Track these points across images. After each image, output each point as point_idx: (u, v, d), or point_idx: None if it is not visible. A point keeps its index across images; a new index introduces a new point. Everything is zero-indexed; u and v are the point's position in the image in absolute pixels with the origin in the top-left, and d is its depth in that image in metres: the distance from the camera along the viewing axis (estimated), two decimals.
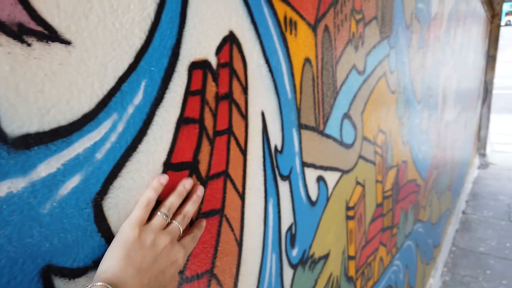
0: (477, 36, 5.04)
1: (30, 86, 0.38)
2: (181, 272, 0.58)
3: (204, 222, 0.61)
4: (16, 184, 0.37)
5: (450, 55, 3.02)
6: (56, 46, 0.41)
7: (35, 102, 0.39)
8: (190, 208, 0.57)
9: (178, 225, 0.54)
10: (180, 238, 0.55)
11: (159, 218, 0.51)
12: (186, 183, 0.57)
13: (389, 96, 1.60)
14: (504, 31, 6.48)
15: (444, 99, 2.86)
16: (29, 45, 0.38)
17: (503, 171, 6.10)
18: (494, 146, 7.41)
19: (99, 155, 0.45)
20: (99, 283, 0.41)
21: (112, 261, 0.45)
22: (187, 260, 0.59)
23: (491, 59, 6.65)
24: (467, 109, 4.51)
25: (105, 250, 0.46)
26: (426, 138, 2.29)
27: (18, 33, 0.37)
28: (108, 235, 0.47)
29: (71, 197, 0.42)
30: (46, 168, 0.40)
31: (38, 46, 0.39)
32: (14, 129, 0.37)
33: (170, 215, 0.53)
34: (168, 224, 0.53)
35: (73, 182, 0.42)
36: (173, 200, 0.54)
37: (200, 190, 0.59)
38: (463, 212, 4.56)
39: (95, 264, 0.45)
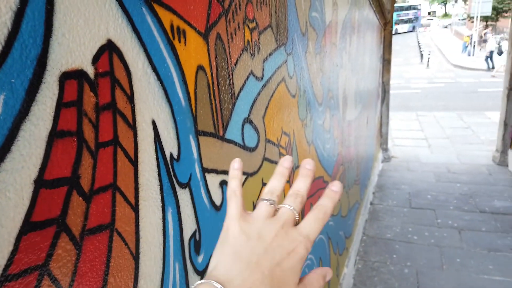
0: (372, 42, 5.56)
1: None
2: None
3: (337, 185, 0.49)
4: None
5: (347, 59, 3.29)
6: None
7: None
8: (301, 185, 0.49)
9: (289, 207, 0.46)
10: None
11: (262, 205, 0.47)
12: (285, 161, 0.50)
13: (290, 99, 1.68)
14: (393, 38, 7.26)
15: (344, 100, 3.09)
16: None
17: (403, 163, 6.78)
18: (395, 141, 8.20)
19: None
20: (210, 281, 0.39)
21: (219, 257, 0.42)
22: (73, 280, 0.55)
23: (386, 62, 7.37)
24: (368, 108, 4.93)
25: None
26: (329, 137, 2.45)
27: None
28: None
29: None
30: None
31: None
32: None
33: (276, 199, 0.47)
34: (276, 211, 0.47)
35: None
36: (274, 183, 0.49)
37: (309, 164, 0.50)
38: (371, 203, 4.97)
39: None
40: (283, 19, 1.60)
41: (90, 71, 0.61)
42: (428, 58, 22.91)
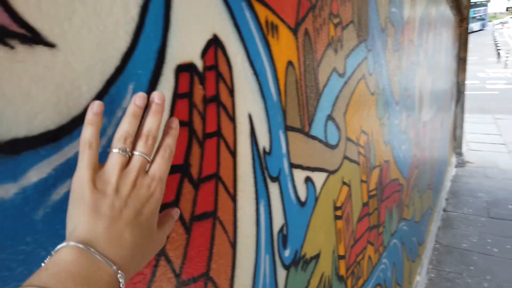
0: (447, 39, 5.22)
1: (16, 90, 0.38)
2: (177, 276, 0.57)
3: (175, 121, 0.50)
4: (7, 190, 0.36)
5: (423, 57, 3.11)
6: (41, 49, 0.40)
7: (22, 106, 0.38)
8: (152, 124, 0.46)
9: (140, 155, 0.45)
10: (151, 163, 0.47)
11: (114, 157, 0.43)
12: (137, 100, 0.45)
13: (369, 97, 1.63)
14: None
15: (420, 100, 2.94)
16: (12, 48, 0.37)
17: (479, 169, 6.28)
18: (470, 145, 7.63)
19: None
20: (71, 243, 0.36)
21: (78, 218, 0.39)
22: (183, 263, 0.58)
23: (461, 61, 6.88)
24: (442, 110, 4.64)
25: None
26: (405, 138, 2.34)
27: (0, 36, 0.36)
28: None
29: (64, 203, 0.41)
30: (36, 173, 0.39)
31: (21, 49, 0.38)
32: (2, 134, 0.36)
33: (129, 146, 0.44)
34: (129, 159, 0.44)
35: (66, 187, 0.41)
36: (126, 127, 0.44)
37: (158, 97, 0.48)
38: (444, 210, 4.66)
39: None
40: (365, 15, 1.56)
41: (199, 64, 0.63)
42: (507, 57, 20.97)
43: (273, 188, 0.84)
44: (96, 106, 0.42)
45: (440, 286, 3.08)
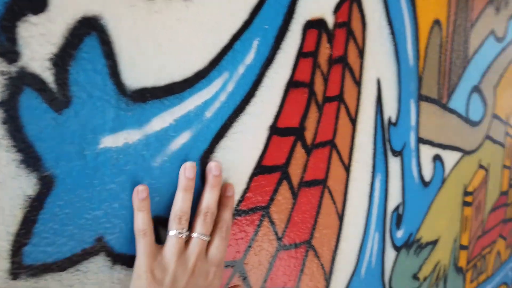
0: None
1: (150, 40, 0.39)
2: (279, 239, 0.57)
3: (231, 189, 0.47)
4: (132, 136, 0.39)
5: None
6: (176, 0, 0.40)
7: (153, 57, 0.39)
8: (210, 199, 0.44)
9: (198, 237, 0.42)
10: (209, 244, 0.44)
11: (172, 241, 0.41)
12: (187, 171, 0.43)
13: None
14: None
15: None
16: None
17: None
18: None
19: (208, 114, 0.45)
20: None
21: None
22: (286, 227, 0.58)
23: None
24: None
25: None
26: None
27: None
28: None
29: (181, 153, 0.43)
30: (159, 122, 0.41)
31: (159, 0, 0.39)
32: (133, 82, 0.38)
33: (185, 226, 0.42)
34: (188, 241, 0.42)
35: (184, 138, 0.43)
36: (180, 205, 0.42)
37: (215, 169, 0.45)
38: None
39: None
40: None
41: (330, 20, 0.58)
42: None
43: (394, 163, 0.77)
44: (141, 193, 0.40)
45: None
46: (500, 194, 1.29)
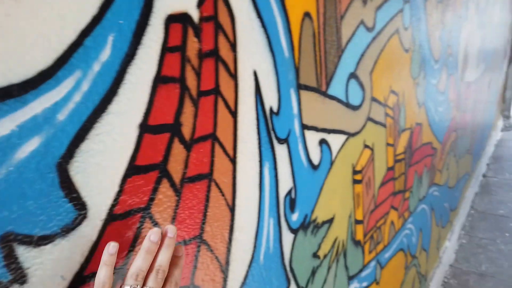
0: None
1: None
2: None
3: (181, 250, 0.53)
4: None
5: (474, 10, 2.83)
6: None
7: None
8: (163, 258, 0.49)
9: None
10: None
11: None
12: (152, 235, 0.48)
13: (402, 54, 1.51)
14: None
15: (465, 58, 2.71)
16: None
17: None
18: None
19: (61, 116, 0.42)
20: None
21: None
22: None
23: None
24: (491, 69, 4.29)
25: (74, 217, 0.44)
26: (444, 99, 2.19)
27: None
28: (77, 201, 0.44)
29: (31, 161, 0.39)
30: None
31: None
32: None
33: (140, 283, 0.46)
34: None
35: (32, 145, 0.39)
36: (139, 264, 0.47)
37: (171, 231, 0.50)
38: (484, 175, 4.45)
39: (63, 231, 0.43)
40: None
41: (195, 14, 0.58)
42: None
43: (281, 151, 0.80)
44: (112, 248, 0.45)
45: (471, 252, 2.99)
46: (387, 170, 1.43)
